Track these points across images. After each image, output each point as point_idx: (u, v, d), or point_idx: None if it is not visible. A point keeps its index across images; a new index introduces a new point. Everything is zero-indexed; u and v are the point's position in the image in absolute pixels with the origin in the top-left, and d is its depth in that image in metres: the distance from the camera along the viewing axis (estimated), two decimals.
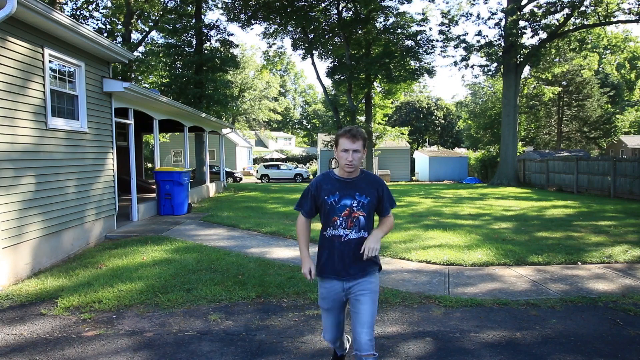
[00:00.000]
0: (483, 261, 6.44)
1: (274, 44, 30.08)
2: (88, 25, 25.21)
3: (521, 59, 23.81)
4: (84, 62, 7.49)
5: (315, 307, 4.54)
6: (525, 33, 23.47)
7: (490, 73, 26.28)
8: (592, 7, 22.58)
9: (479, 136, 37.41)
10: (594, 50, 28.28)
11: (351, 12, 26.57)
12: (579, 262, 6.41)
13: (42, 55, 6.36)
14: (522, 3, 23.52)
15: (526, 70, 27.07)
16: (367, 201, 2.70)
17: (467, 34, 31.14)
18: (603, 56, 32.61)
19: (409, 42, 26.22)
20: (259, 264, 6.24)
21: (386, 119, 33.15)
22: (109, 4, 26.94)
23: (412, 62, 26.48)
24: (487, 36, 31.81)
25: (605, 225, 9.61)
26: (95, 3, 26.18)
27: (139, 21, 26.94)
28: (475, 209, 12.66)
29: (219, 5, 26.13)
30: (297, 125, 79.53)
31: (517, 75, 24.02)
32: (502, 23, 23.66)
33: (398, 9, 25.78)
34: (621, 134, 42.24)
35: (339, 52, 27.90)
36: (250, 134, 51.23)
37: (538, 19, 23.32)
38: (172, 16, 22.98)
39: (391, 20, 26.34)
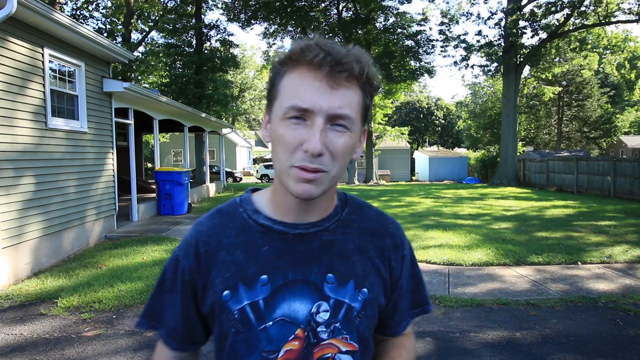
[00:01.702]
0: (483, 261, 6.44)
1: (274, 44, 30.08)
2: (88, 25, 25.21)
3: (521, 59, 23.80)
4: (84, 62, 7.49)
5: None
6: (525, 33, 23.45)
7: (490, 73, 26.28)
8: (592, 7, 22.57)
9: (479, 136, 37.41)
10: (594, 50, 28.26)
11: (351, 12, 26.57)
12: (579, 262, 6.40)
13: (42, 55, 6.36)
14: (522, 3, 23.51)
15: (526, 70, 27.06)
16: (362, 301, 0.88)
17: (467, 33, 31.15)
18: (603, 56, 32.59)
19: (409, 42, 26.23)
20: None
21: (386, 119, 33.15)
22: (109, 4, 26.95)
23: (412, 62, 26.50)
24: (487, 36, 31.88)
25: (605, 225, 9.61)
26: (95, 3, 26.19)
27: (139, 21, 26.94)
28: (475, 209, 12.66)
29: (219, 5, 26.14)
30: None
31: (517, 75, 24.02)
32: (502, 23, 23.65)
33: (398, 9, 25.79)
34: (621, 134, 42.23)
35: None
36: (250, 134, 51.22)
37: (538, 18, 23.31)
38: (172, 16, 22.98)
39: (391, 20, 26.35)
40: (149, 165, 31.90)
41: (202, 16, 22.77)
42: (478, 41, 24.87)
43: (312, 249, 0.87)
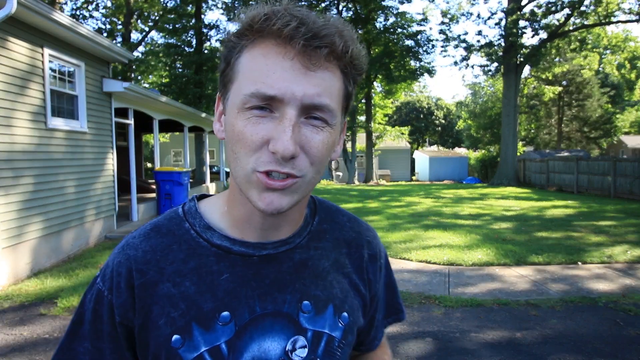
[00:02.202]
0: (483, 261, 6.44)
1: None
2: (88, 25, 25.22)
3: (521, 59, 23.80)
4: (84, 62, 7.48)
5: None
6: (525, 33, 23.46)
7: (490, 73, 26.28)
8: (592, 7, 22.57)
9: (479, 136, 37.41)
10: (594, 50, 28.29)
11: (351, 12, 26.57)
12: (579, 262, 6.40)
13: (42, 55, 6.36)
14: (522, 3, 23.52)
15: (526, 70, 27.08)
16: (343, 329, 0.75)
17: (467, 33, 31.16)
18: (603, 56, 32.63)
19: (409, 42, 26.22)
20: None
21: (386, 118, 33.16)
22: (109, 4, 26.95)
23: (412, 62, 26.50)
24: (487, 36, 31.90)
25: (606, 225, 9.60)
26: (95, 3, 26.19)
27: (139, 21, 26.95)
28: (475, 209, 12.66)
29: (219, 5, 26.14)
30: None
31: (517, 75, 24.02)
32: (502, 23, 23.66)
33: (398, 9, 25.79)
34: (621, 134, 42.23)
35: None
36: None
37: (538, 18, 23.31)
38: (172, 16, 22.98)
39: (391, 20, 26.36)
40: (149, 165, 31.91)
41: (202, 16, 22.78)
42: (478, 41, 24.89)
43: (283, 273, 0.71)
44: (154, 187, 12.57)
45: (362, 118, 27.68)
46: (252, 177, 0.61)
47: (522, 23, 23.26)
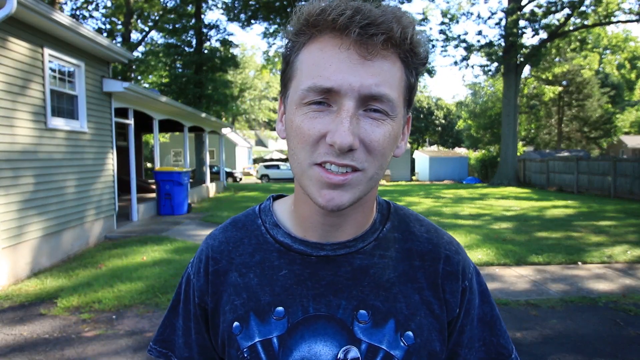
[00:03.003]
0: (483, 261, 6.44)
1: (274, 43, 30.04)
2: (88, 25, 25.23)
3: (521, 59, 23.81)
4: (84, 62, 7.48)
5: None
6: (525, 33, 23.48)
7: (490, 73, 26.30)
8: (592, 7, 22.57)
9: (479, 136, 37.42)
10: (594, 50, 28.28)
11: None
12: (579, 262, 6.40)
13: (42, 55, 6.36)
14: (523, 3, 23.52)
15: (526, 70, 27.08)
16: (406, 349, 0.68)
17: (468, 33, 31.17)
18: (603, 56, 32.62)
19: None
20: None
21: None
22: (109, 4, 26.95)
23: None
24: (487, 36, 31.88)
25: (606, 225, 9.60)
26: (95, 3, 26.19)
27: (139, 21, 26.95)
28: (475, 209, 12.66)
29: (219, 5, 26.14)
30: None
31: (518, 75, 24.03)
32: (503, 23, 23.67)
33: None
34: (621, 133, 42.23)
35: None
36: (250, 134, 51.25)
37: (538, 18, 23.32)
38: (172, 16, 23.01)
39: None
40: (149, 165, 31.90)
41: (202, 16, 22.79)
42: (478, 41, 24.90)
43: (340, 277, 0.68)
44: (154, 187, 12.58)
45: None
46: (310, 172, 0.60)
47: (522, 23, 23.27)
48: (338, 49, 0.58)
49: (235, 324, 0.70)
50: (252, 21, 26.83)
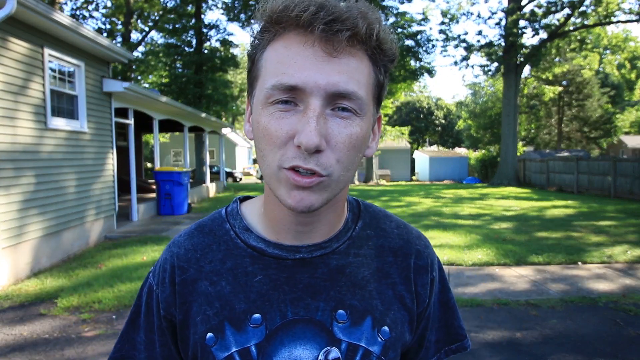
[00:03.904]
0: (483, 261, 6.44)
1: None
2: (88, 25, 25.24)
3: (521, 59, 23.81)
4: (84, 62, 7.48)
5: None
6: (525, 33, 23.48)
7: (490, 73, 26.30)
8: (592, 7, 22.58)
9: (479, 136, 37.41)
10: (594, 50, 28.30)
11: None
12: (579, 262, 6.40)
13: (42, 55, 6.36)
14: (523, 3, 23.53)
15: (526, 70, 27.08)
16: (383, 344, 0.70)
17: (467, 33, 31.16)
18: (603, 56, 32.63)
19: (409, 42, 26.22)
20: None
21: (386, 118, 33.17)
22: (109, 4, 26.94)
23: (413, 62, 26.48)
24: (487, 36, 31.90)
25: (606, 225, 9.60)
26: (95, 3, 26.18)
27: (139, 21, 26.95)
28: (475, 209, 12.66)
29: (219, 5, 26.13)
30: None
31: (518, 75, 24.03)
32: (503, 22, 23.67)
33: (398, 9, 25.77)
34: (621, 133, 42.23)
35: None
36: None
37: (538, 18, 23.33)
38: (172, 16, 23.00)
39: (391, 20, 26.33)
40: (149, 165, 31.90)
41: (202, 16, 22.78)
42: (478, 41, 24.91)
43: (317, 279, 0.68)
44: (154, 187, 12.58)
45: None
46: (279, 175, 0.59)
47: (522, 23, 23.27)
48: (303, 46, 0.56)
49: (209, 334, 0.67)
50: (252, 21, 26.83)
